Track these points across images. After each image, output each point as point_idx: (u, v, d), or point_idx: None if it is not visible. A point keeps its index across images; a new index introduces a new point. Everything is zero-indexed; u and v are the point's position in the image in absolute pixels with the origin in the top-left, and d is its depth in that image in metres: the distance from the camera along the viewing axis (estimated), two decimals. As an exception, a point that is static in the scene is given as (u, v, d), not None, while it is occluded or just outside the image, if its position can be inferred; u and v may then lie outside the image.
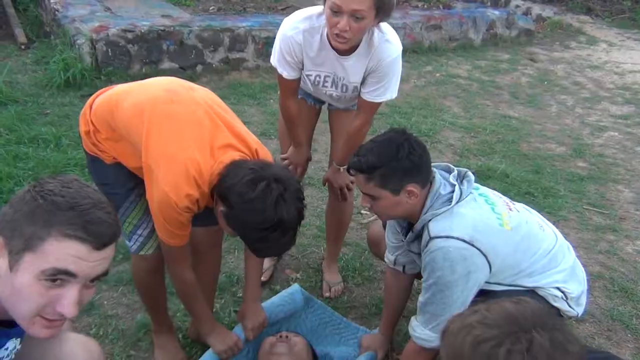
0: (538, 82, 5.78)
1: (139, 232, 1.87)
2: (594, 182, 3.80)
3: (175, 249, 1.76)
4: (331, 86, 2.21)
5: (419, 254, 1.85)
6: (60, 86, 4.39)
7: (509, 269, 1.78)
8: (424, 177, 1.76)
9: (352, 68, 2.12)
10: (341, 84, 2.19)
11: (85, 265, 1.07)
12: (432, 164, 1.83)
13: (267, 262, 2.58)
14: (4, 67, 4.63)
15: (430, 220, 1.74)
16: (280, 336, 2.01)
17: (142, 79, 5.19)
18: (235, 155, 1.69)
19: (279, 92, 2.36)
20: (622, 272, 2.87)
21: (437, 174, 1.81)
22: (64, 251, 1.05)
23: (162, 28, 4.93)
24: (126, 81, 4.75)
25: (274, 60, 2.18)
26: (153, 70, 4.85)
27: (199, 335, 2.13)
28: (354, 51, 2.07)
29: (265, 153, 1.81)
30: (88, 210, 1.08)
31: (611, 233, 3.21)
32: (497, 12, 7.02)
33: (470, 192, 1.80)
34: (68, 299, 1.07)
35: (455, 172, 1.86)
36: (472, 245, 1.68)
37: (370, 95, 2.16)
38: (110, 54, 4.72)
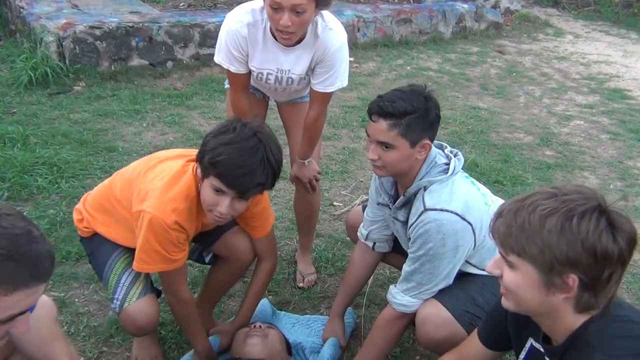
0: (506, 74, 5.88)
1: (122, 280, 1.84)
2: (560, 169, 3.89)
3: (173, 271, 1.79)
4: (274, 82, 2.23)
5: (404, 223, 1.87)
6: (27, 85, 4.32)
7: (485, 250, 1.83)
8: (435, 135, 1.77)
9: (298, 59, 2.14)
10: (286, 77, 2.20)
11: (32, 299, 1.10)
12: None
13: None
14: (-32, 66, 4.54)
15: (426, 188, 1.76)
16: (254, 326, 2.03)
17: (111, 76, 5.17)
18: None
19: (227, 88, 2.37)
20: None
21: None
22: (18, 302, 1.07)
23: (130, 24, 4.88)
24: (95, 78, 4.76)
25: (219, 57, 2.18)
26: (122, 67, 4.80)
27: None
28: (299, 42, 2.09)
29: None
30: (26, 252, 1.04)
31: (577, 218, 3.29)
32: (466, 6, 7.11)
33: (460, 170, 1.84)
34: (21, 327, 1.13)
35: (449, 148, 1.89)
36: (464, 219, 1.71)
37: (321, 85, 2.18)
38: (78, 51, 4.65)
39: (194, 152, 1.81)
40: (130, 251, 1.85)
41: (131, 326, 1.85)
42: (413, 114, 1.69)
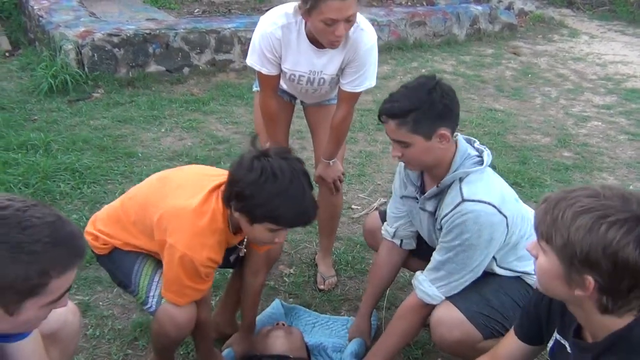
0: (522, 75, 5.85)
1: (155, 278, 1.84)
2: (579, 171, 3.86)
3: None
4: (306, 84, 2.26)
5: (432, 213, 1.88)
6: (47, 92, 4.39)
7: (508, 247, 1.83)
8: (454, 122, 1.77)
9: (330, 60, 2.17)
10: (318, 78, 2.23)
11: (74, 275, 1.18)
12: (457, 133, 1.86)
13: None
14: (-10, 74, 4.63)
15: (462, 179, 1.77)
16: (277, 324, 2.05)
17: (129, 82, 5.25)
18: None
19: (255, 91, 2.39)
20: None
21: (460, 136, 1.85)
22: (66, 281, 1.14)
23: (147, 31, 4.94)
24: (113, 85, 4.83)
25: (251, 59, 2.21)
26: (140, 73, 4.86)
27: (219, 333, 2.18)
28: (338, 45, 2.11)
29: None
30: (65, 235, 1.12)
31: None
32: (480, 8, 7.09)
33: (489, 166, 1.84)
34: (63, 303, 1.21)
35: (477, 142, 1.90)
36: (500, 212, 1.72)
37: (350, 85, 2.21)
38: (96, 58, 4.72)
39: (209, 173, 1.83)
40: (154, 255, 1.86)
41: (170, 323, 1.75)
42: (416, 110, 1.70)
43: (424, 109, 1.70)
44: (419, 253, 2.13)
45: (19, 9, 6.26)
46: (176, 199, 1.73)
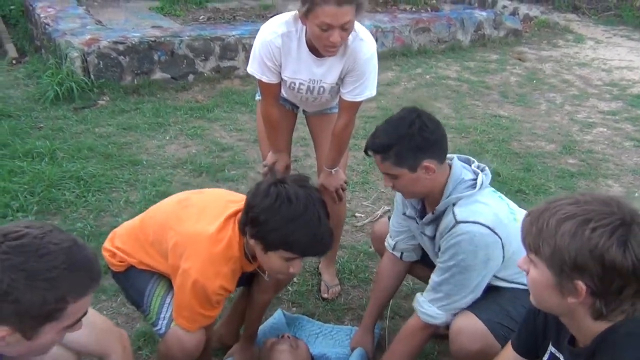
0: (527, 81, 5.84)
1: (167, 300, 1.85)
2: (584, 177, 3.85)
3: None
4: (306, 92, 2.27)
5: (431, 238, 1.90)
6: (53, 100, 4.42)
7: (514, 265, 1.82)
8: (440, 153, 1.79)
9: (330, 69, 2.18)
10: (317, 87, 2.24)
11: (90, 299, 1.21)
12: (454, 155, 1.89)
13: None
14: (-4, 82, 4.66)
15: (455, 204, 1.79)
16: (282, 336, 2.05)
17: (134, 90, 5.27)
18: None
19: (258, 99, 2.41)
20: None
21: (456, 160, 1.86)
22: (83, 305, 1.17)
23: (152, 39, 4.97)
24: (119, 93, 4.87)
25: (252, 67, 2.23)
26: (145, 80, 4.89)
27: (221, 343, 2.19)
28: (335, 53, 2.12)
29: None
30: (81, 260, 1.15)
31: (602, 227, 3.25)
32: (484, 13, 7.08)
33: (488, 186, 1.85)
34: (78, 327, 1.22)
35: (476, 163, 1.91)
36: (495, 233, 1.73)
37: (350, 94, 2.22)
38: (102, 66, 4.75)
39: (229, 199, 1.82)
40: (167, 276, 1.87)
41: (178, 348, 1.75)
42: (396, 145, 1.74)
43: (404, 143, 1.73)
44: (425, 260, 2.13)
45: (26, 16, 6.32)
46: (194, 224, 1.74)
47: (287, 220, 1.59)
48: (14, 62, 5.43)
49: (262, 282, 1.99)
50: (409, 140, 1.73)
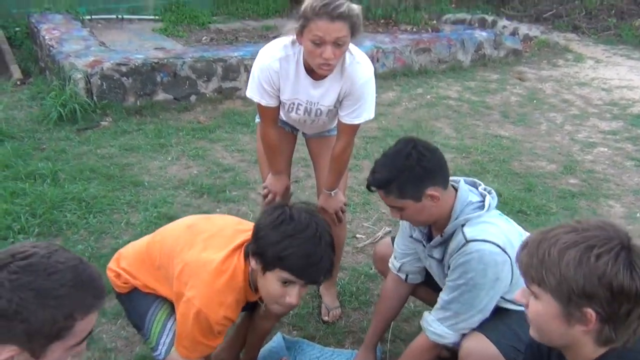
0: (527, 101, 5.87)
1: (168, 325, 1.85)
2: (585, 198, 3.85)
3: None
4: (304, 113, 2.29)
5: (439, 260, 1.90)
6: (56, 121, 4.45)
7: (521, 285, 1.82)
8: (442, 179, 1.80)
9: (327, 91, 2.21)
10: (315, 109, 2.26)
11: (96, 317, 1.21)
12: (460, 177, 1.90)
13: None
14: (0, 103, 4.69)
15: (464, 224, 1.79)
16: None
17: (137, 111, 5.28)
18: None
19: (258, 122, 2.43)
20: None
21: (462, 182, 1.87)
22: (89, 323, 1.18)
23: (155, 60, 5.01)
24: (121, 114, 4.91)
25: (250, 91, 2.26)
26: (148, 102, 4.93)
27: None
28: (329, 72, 2.14)
29: None
30: (87, 277, 1.16)
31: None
32: (484, 34, 7.14)
33: (495, 209, 1.86)
34: (82, 348, 1.23)
35: (483, 185, 1.93)
36: (505, 252, 1.74)
37: (348, 117, 2.24)
38: (105, 87, 4.80)
39: (239, 228, 1.82)
40: (170, 300, 1.86)
41: None
42: (397, 179, 1.75)
43: (404, 176, 1.75)
44: (428, 281, 2.13)
45: (31, 38, 6.39)
46: (201, 253, 1.74)
47: (285, 236, 1.59)
48: (18, 83, 5.48)
49: (266, 309, 1.97)
50: (409, 172, 1.75)
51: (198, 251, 1.75)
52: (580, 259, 1.13)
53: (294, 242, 1.58)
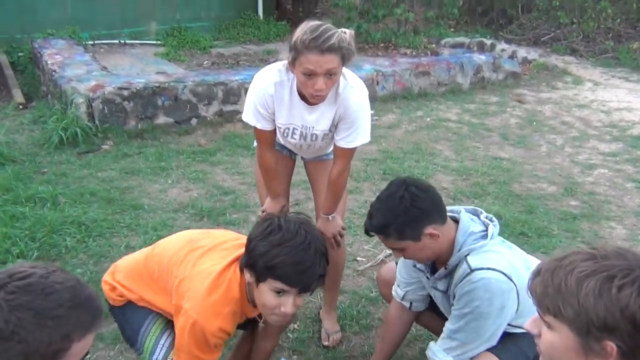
0: (527, 123, 5.89)
1: (161, 341, 1.85)
2: (586, 220, 3.83)
3: None
4: (299, 138, 2.29)
5: (444, 292, 1.89)
6: (57, 145, 4.47)
7: (528, 312, 1.80)
8: (438, 216, 1.79)
9: (321, 116, 2.21)
10: (310, 133, 2.27)
11: (93, 338, 1.20)
12: (461, 207, 1.90)
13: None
14: (2, 127, 4.73)
15: (467, 255, 1.78)
16: None
17: (138, 134, 5.31)
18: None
19: (255, 146, 2.43)
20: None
21: (463, 213, 1.86)
22: (86, 345, 1.17)
23: (157, 84, 5.06)
24: (122, 137, 4.93)
25: (246, 115, 2.27)
26: (149, 125, 4.95)
27: None
28: (322, 100, 2.15)
29: None
30: (85, 298, 1.15)
31: (607, 271, 3.21)
32: (483, 57, 7.21)
33: (498, 236, 1.86)
34: None
35: (485, 214, 1.92)
36: (510, 280, 1.73)
37: (343, 141, 2.24)
38: (106, 111, 4.83)
39: (238, 243, 1.82)
40: (165, 315, 1.85)
41: None
42: (393, 223, 1.76)
43: (400, 219, 1.75)
44: (432, 308, 2.12)
45: (34, 63, 6.46)
46: (199, 265, 1.74)
47: (273, 245, 1.59)
48: (20, 107, 5.52)
49: (266, 328, 1.97)
50: (405, 215, 1.75)
51: (197, 264, 1.75)
52: (600, 290, 1.06)
53: (283, 251, 1.58)
